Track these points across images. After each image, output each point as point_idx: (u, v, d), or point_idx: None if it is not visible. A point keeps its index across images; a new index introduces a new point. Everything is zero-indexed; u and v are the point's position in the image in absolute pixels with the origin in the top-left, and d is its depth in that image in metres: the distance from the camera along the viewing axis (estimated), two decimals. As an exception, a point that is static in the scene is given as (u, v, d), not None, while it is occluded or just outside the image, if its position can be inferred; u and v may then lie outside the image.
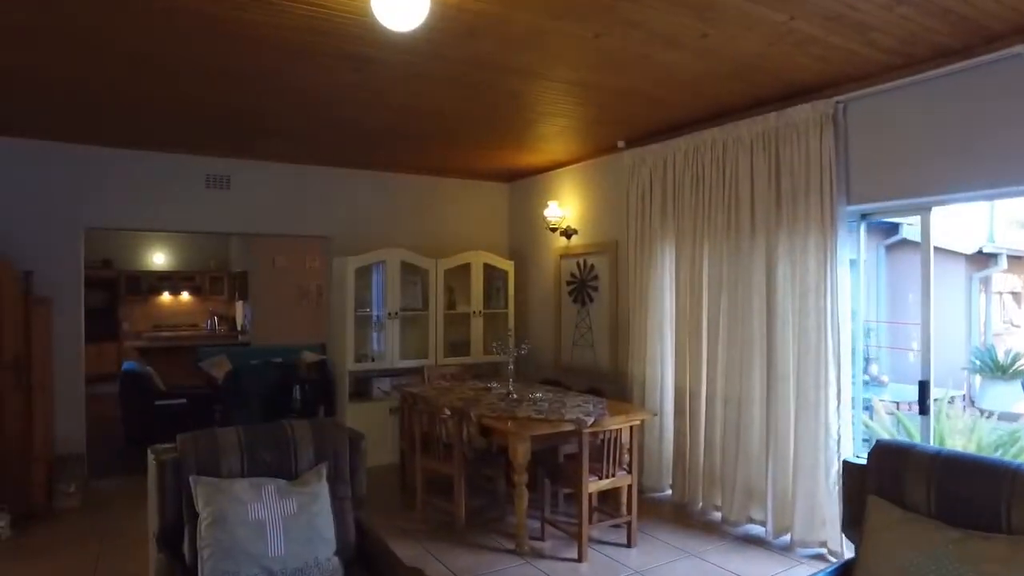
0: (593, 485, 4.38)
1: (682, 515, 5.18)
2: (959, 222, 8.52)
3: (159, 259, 13.87)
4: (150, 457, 2.93)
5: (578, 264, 6.80)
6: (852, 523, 2.67)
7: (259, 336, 11.50)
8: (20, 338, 4.90)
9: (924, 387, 4.02)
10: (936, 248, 4.22)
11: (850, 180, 4.31)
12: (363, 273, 6.58)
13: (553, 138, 5.90)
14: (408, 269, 6.75)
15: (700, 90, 4.46)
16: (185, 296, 13.93)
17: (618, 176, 6.17)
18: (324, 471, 2.87)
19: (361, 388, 6.70)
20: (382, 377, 6.69)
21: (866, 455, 2.70)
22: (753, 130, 4.73)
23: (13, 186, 5.47)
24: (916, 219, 4.30)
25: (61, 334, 5.59)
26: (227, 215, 6.33)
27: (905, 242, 9.04)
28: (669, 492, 5.48)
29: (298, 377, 6.54)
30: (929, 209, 4.09)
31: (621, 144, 5.97)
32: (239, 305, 13.18)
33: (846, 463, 2.86)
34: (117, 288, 13.04)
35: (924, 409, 4.05)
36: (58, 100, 4.60)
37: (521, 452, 4.33)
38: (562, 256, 7.04)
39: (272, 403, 6.60)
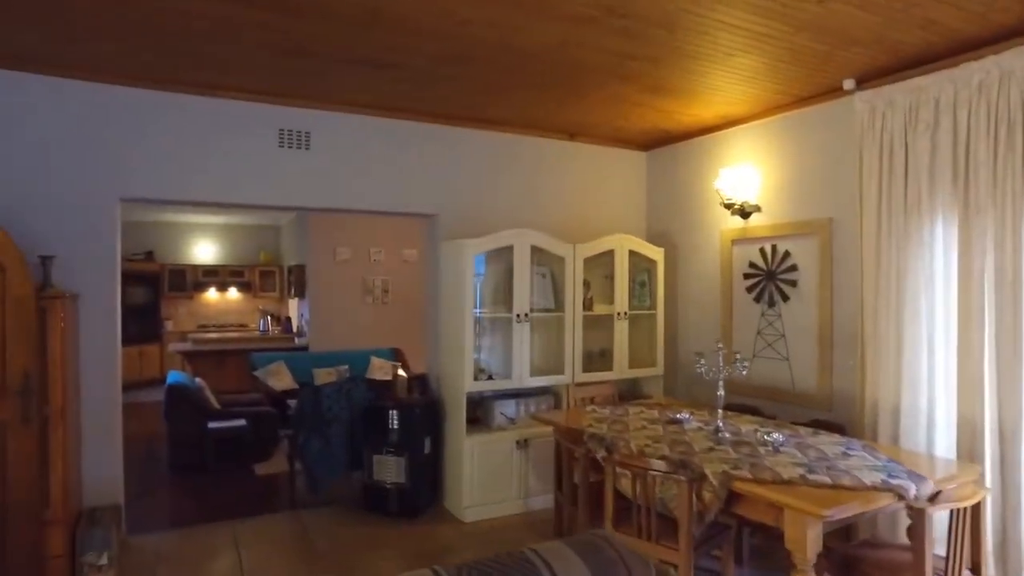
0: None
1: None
2: None
3: (205, 252, 12.53)
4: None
5: (762, 251, 5.11)
6: None
7: (318, 339, 10.04)
8: (30, 350, 3.39)
9: None
10: None
11: None
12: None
13: (732, 82, 4.25)
14: (536, 258, 5.12)
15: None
16: (233, 293, 12.56)
17: (838, 131, 4.48)
18: None
19: (475, 413, 5.10)
20: (504, 399, 5.07)
21: None
22: None
23: (25, 140, 3.96)
24: None
25: (91, 341, 4.10)
26: (306, 184, 4.77)
27: None
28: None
29: (394, 398, 4.96)
30: None
31: (849, 84, 4.28)
32: (293, 303, 11.74)
33: None
34: (160, 284, 11.70)
35: None
36: (84, 18, 3.08)
37: (810, 541, 2.67)
38: (734, 241, 5.35)
39: (359, 431, 5.03)
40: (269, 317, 11.15)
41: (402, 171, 5.10)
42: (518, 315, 4.93)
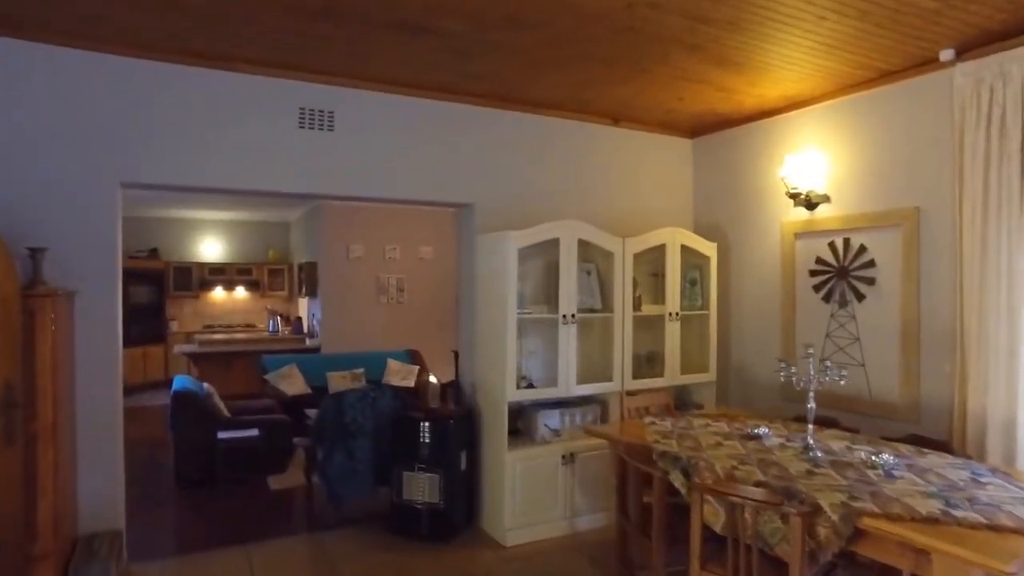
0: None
1: None
2: None
3: (211, 249, 12.05)
4: None
5: (832, 246, 4.60)
6: None
7: (331, 340, 9.56)
8: (13, 356, 2.90)
9: None
10: None
11: None
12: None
13: (811, 54, 3.76)
14: (580, 253, 4.61)
15: None
16: (240, 292, 12.09)
17: (928, 109, 3.98)
18: None
19: (515, 425, 4.59)
20: (548, 409, 4.57)
21: None
22: None
23: (13, 114, 3.47)
24: None
25: (88, 345, 3.61)
26: (328, 169, 4.27)
27: None
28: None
29: (425, 408, 4.46)
30: None
31: (947, 55, 3.77)
32: (303, 303, 11.26)
33: None
34: (164, 282, 11.23)
35: None
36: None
37: (968, 596, 2.16)
38: (798, 235, 4.85)
39: (386, 445, 4.54)
40: (278, 317, 10.67)
41: (435, 156, 4.59)
42: (564, 316, 4.43)
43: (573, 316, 4.46)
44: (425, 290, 10.25)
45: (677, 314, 4.97)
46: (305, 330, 10.50)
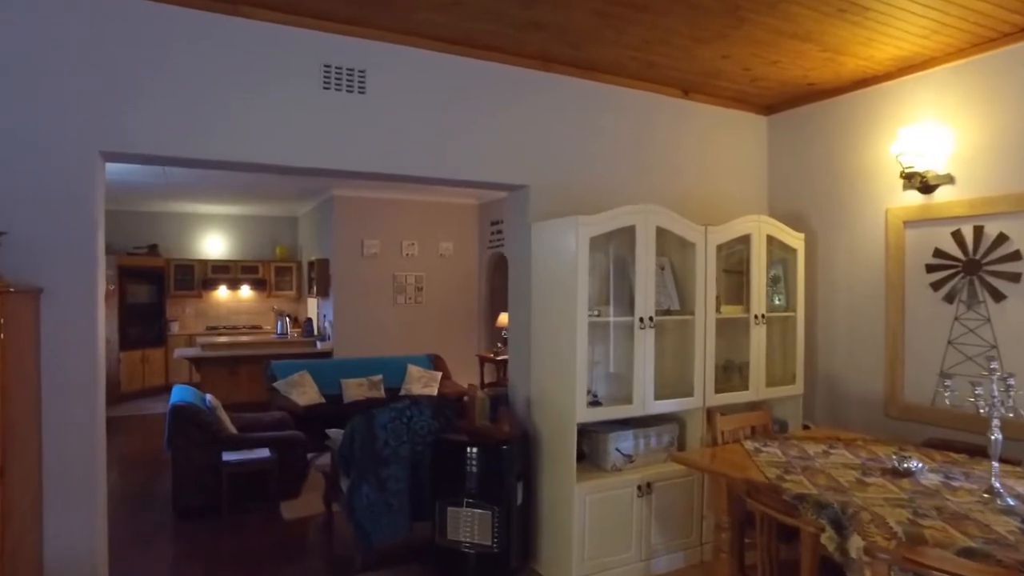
0: None
1: None
2: None
3: (214, 245, 11.33)
4: None
5: (957, 235, 3.83)
6: None
7: (344, 344, 8.83)
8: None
9: None
10: None
11: None
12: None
13: (933, 6, 3.01)
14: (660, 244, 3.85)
15: None
16: (246, 292, 11.36)
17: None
18: None
19: (579, 449, 3.82)
20: (619, 430, 3.81)
21: None
22: None
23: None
24: None
25: (59, 355, 2.84)
26: (358, 140, 3.52)
27: None
28: None
29: (473, 430, 3.70)
30: None
31: None
32: (312, 303, 10.52)
33: None
34: (165, 281, 10.51)
35: None
36: None
37: None
38: (908, 223, 4.08)
39: (425, 473, 3.79)
40: (287, 318, 9.92)
41: (484, 127, 3.84)
42: (641, 320, 3.67)
43: (651, 319, 3.70)
44: (445, 289, 9.51)
45: (763, 316, 4.21)
46: (315, 332, 9.75)
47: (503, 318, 8.44)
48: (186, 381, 10.13)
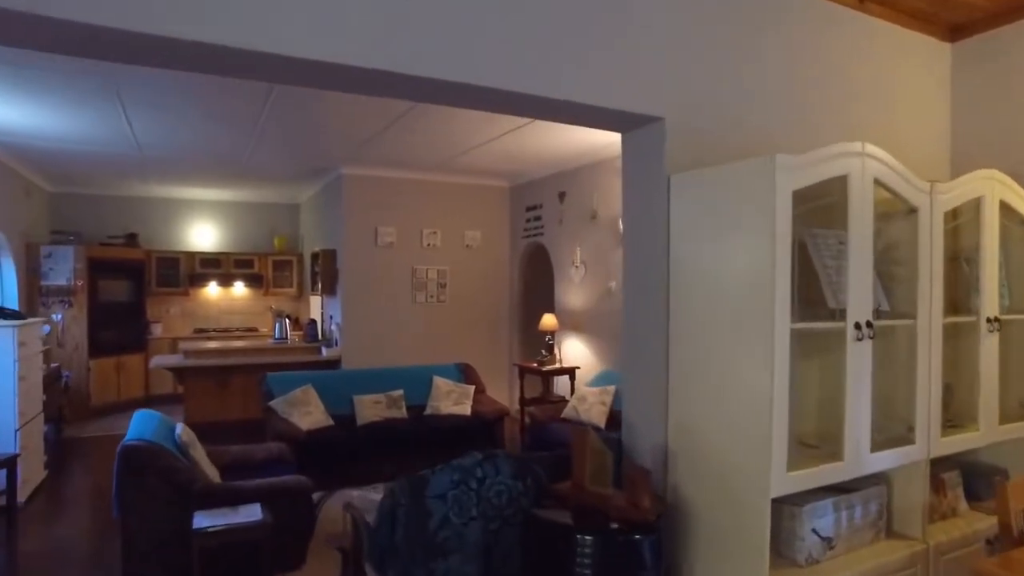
0: None
1: None
2: None
3: (203, 236, 9.98)
4: None
5: None
6: None
7: (354, 350, 7.49)
8: None
9: None
10: None
11: None
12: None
13: None
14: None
15: None
16: (239, 289, 10.01)
17: None
18: None
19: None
20: (815, 499, 2.42)
21: None
22: None
23: None
24: None
25: None
26: (422, 29, 2.12)
27: None
28: None
29: (578, 501, 2.32)
30: None
31: None
32: (316, 301, 9.16)
33: None
34: (145, 276, 9.17)
35: None
36: None
37: None
38: None
39: (506, 570, 2.41)
40: (286, 320, 8.53)
41: (601, 27, 2.46)
42: (857, 325, 2.29)
43: (869, 325, 2.32)
44: (472, 286, 8.14)
45: (997, 319, 2.84)
46: (320, 336, 8.37)
47: (548, 320, 7.06)
48: (170, 392, 8.78)
